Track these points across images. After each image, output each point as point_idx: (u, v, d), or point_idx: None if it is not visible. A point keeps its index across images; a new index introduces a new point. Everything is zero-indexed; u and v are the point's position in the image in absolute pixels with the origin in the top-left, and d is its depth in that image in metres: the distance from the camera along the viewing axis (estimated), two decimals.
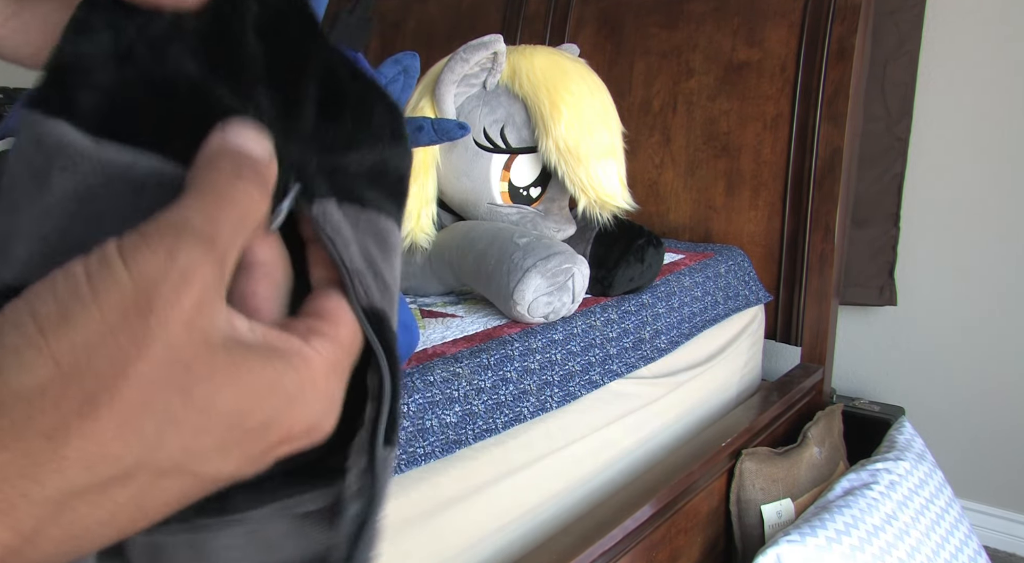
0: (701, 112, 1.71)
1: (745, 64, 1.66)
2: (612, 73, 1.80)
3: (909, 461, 1.34)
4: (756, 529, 1.27)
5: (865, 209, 1.75)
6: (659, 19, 1.77)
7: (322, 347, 0.22)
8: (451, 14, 2.10)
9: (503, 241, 1.07)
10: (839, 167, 1.55)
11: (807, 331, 1.63)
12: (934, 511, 1.29)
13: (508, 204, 1.20)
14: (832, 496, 1.25)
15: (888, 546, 1.15)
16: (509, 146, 1.18)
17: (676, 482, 1.11)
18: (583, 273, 1.07)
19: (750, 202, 1.65)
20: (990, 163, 1.69)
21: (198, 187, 0.21)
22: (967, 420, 1.77)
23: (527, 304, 1.02)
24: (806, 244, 1.59)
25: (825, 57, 1.56)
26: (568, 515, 1.04)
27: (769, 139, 1.63)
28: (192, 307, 0.20)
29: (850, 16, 1.55)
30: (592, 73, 1.21)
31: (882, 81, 1.72)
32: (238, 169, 0.22)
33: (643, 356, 1.18)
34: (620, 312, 1.18)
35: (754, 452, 1.29)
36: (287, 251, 0.25)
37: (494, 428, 0.89)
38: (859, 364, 1.88)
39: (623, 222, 1.23)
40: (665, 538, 1.11)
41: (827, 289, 1.59)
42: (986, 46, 1.66)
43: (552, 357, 1.02)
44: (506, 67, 1.17)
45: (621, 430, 1.16)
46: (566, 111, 1.13)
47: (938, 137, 1.74)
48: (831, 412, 1.53)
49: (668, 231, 1.74)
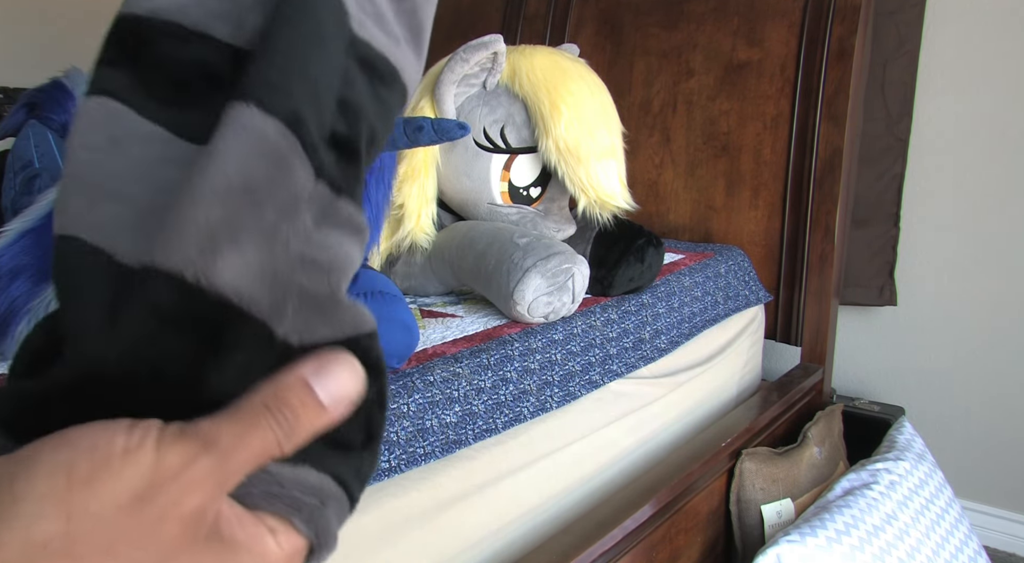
0: (701, 112, 1.71)
1: (745, 64, 1.66)
2: (612, 73, 1.80)
3: (909, 461, 1.34)
4: (756, 529, 1.27)
5: (865, 209, 1.75)
6: (659, 19, 1.77)
7: (285, 542, 0.24)
8: (451, 14, 2.10)
9: (503, 241, 1.07)
10: (839, 167, 1.55)
11: (807, 331, 1.63)
12: (934, 511, 1.29)
13: (508, 204, 1.20)
14: (832, 496, 1.25)
15: (888, 546, 1.15)
16: (509, 146, 1.18)
17: (676, 482, 1.11)
18: (583, 273, 1.07)
19: (750, 202, 1.65)
20: (990, 163, 1.69)
21: (243, 409, 0.23)
22: (967, 420, 1.77)
23: (527, 304, 1.02)
24: (806, 244, 1.59)
25: (825, 57, 1.56)
26: (568, 515, 1.04)
27: (769, 139, 1.63)
28: (190, 511, 0.22)
29: (850, 16, 1.55)
30: (592, 73, 1.21)
31: (882, 81, 1.72)
32: (283, 412, 0.23)
33: (643, 356, 1.18)
34: (620, 312, 1.18)
35: (754, 452, 1.29)
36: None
37: (494, 428, 0.89)
38: (859, 364, 1.88)
39: (623, 222, 1.23)
40: (665, 538, 1.11)
41: (827, 289, 1.59)
42: (986, 46, 1.66)
43: (552, 357, 1.02)
44: (506, 67, 1.17)
45: (621, 430, 1.16)
46: (566, 111, 1.13)
47: (938, 137, 1.74)
48: (831, 412, 1.53)
49: (668, 231, 1.74)
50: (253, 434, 0.22)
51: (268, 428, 0.23)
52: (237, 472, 0.22)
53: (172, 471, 0.21)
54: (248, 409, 0.23)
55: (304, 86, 0.24)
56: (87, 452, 0.21)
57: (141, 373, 0.22)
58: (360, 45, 0.26)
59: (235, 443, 0.22)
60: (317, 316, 0.24)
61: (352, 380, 0.24)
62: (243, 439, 0.22)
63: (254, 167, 0.22)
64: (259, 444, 0.22)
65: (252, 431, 0.22)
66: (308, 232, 0.24)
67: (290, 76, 0.23)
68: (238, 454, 0.22)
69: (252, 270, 0.22)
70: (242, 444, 0.22)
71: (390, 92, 0.28)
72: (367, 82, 0.26)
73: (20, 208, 1.10)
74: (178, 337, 0.22)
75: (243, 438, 0.22)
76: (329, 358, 0.24)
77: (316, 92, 0.24)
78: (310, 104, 0.24)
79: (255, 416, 0.23)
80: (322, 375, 0.23)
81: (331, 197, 0.25)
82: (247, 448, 0.22)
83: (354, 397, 0.24)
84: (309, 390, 0.23)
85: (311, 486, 0.24)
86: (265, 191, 0.23)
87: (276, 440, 0.23)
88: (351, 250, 0.26)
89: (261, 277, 0.23)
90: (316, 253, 0.24)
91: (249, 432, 0.22)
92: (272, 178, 0.23)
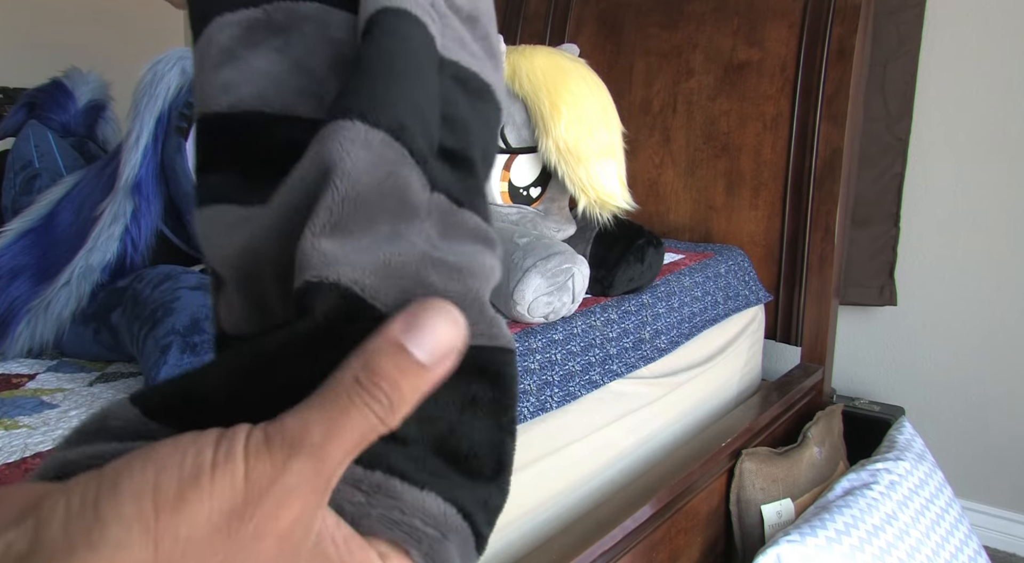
0: (701, 112, 1.71)
1: (745, 64, 1.66)
2: (612, 73, 1.80)
3: (909, 461, 1.34)
4: (756, 529, 1.27)
5: (865, 209, 1.75)
6: (659, 19, 1.77)
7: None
8: None
9: (503, 241, 1.07)
10: (839, 167, 1.55)
11: (807, 331, 1.63)
12: (934, 511, 1.29)
13: (508, 204, 1.20)
14: (832, 496, 1.25)
15: (888, 546, 1.15)
16: (509, 146, 1.18)
17: (676, 482, 1.11)
18: (583, 273, 1.07)
19: (750, 202, 1.65)
20: (990, 163, 1.69)
21: (332, 391, 0.20)
22: (967, 420, 1.77)
23: (527, 304, 1.02)
24: (806, 244, 1.59)
25: (825, 57, 1.56)
26: (568, 515, 1.04)
27: (769, 139, 1.63)
28: (289, 524, 0.19)
29: (850, 16, 1.55)
30: (592, 73, 1.21)
31: (882, 81, 1.72)
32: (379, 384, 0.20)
33: (643, 356, 1.18)
34: (620, 312, 1.18)
35: (754, 452, 1.29)
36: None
37: None
38: (859, 364, 1.88)
39: (623, 222, 1.23)
40: (665, 538, 1.11)
41: (827, 289, 1.59)
42: (986, 46, 1.66)
43: (552, 357, 1.02)
44: (506, 67, 1.17)
45: (621, 430, 1.15)
46: (566, 111, 1.13)
47: (938, 137, 1.74)
48: (831, 412, 1.53)
49: (668, 231, 1.74)
50: (347, 420, 0.20)
51: (364, 406, 0.20)
52: (336, 469, 0.20)
53: (264, 482, 0.19)
54: (338, 390, 0.20)
55: (405, 101, 0.23)
56: (175, 469, 0.19)
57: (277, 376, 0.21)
58: (450, 65, 0.26)
59: (328, 436, 0.20)
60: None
61: (451, 328, 0.21)
62: (337, 429, 0.20)
63: (365, 176, 0.22)
64: (357, 430, 0.20)
65: (346, 417, 0.20)
66: (433, 239, 0.23)
67: (390, 91, 0.23)
68: (334, 448, 0.20)
69: (376, 266, 0.21)
70: (337, 436, 0.20)
71: (488, 106, 0.27)
72: (466, 98, 0.26)
73: (20, 208, 1.10)
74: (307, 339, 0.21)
75: (336, 428, 0.20)
76: (420, 309, 0.21)
77: (418, 107, 0.23)
78: (414, 118, 0.23)
79: (347, 397, 0.20)
80: (415, 330, 0.20)
81: (452, 208, 0.24)
82: (343, 439, 0.20)
83: (457, 347, 0.21)
84: (404, 351, 0.20)
85: (432, 515, 0.22)
86: (376, 202, 0.22)
87: (377, 418, 0.20)
88: (487, 259, 0.24)
89: (386, 272, 0.21)
90: (446, 256, 0.23)
91: (342, 419, 0.20)
92: (384, 188, 0.22)
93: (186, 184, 1.00)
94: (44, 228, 1.03)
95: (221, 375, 0.22)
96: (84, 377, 0.91)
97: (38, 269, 1.00)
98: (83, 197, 1.04)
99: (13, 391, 0.85)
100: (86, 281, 0.96)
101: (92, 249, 0.97)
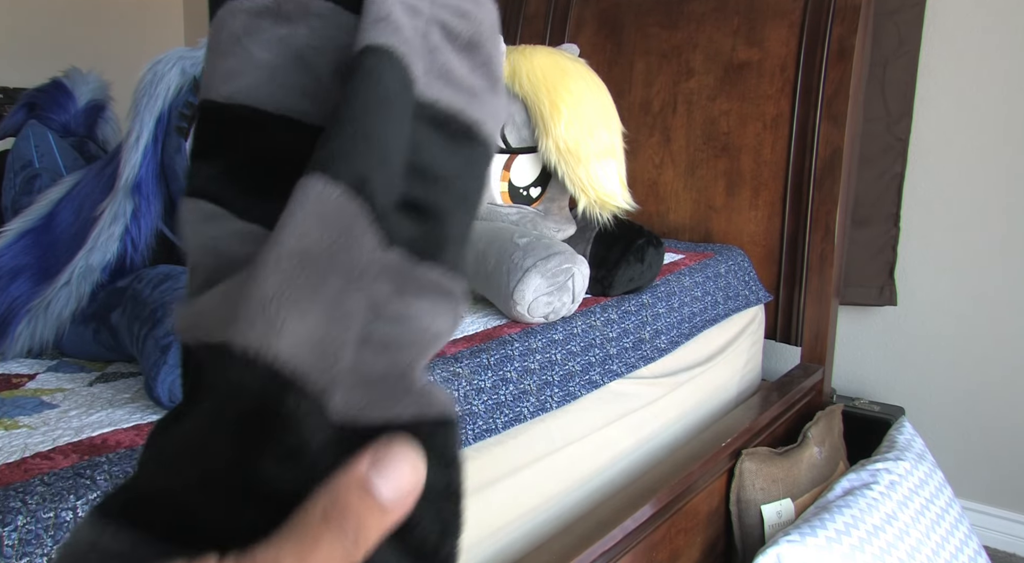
0: (701, 112, 1.71)
1: (745, 64, 1.66)
2: (612, 73, 1.80)
3: (909, 461, 1.34)
4: (756, 529, 1.27)
5: (865, 209, 1.76)
6: (659, 19, 1.77)
7: None
8: None
9: (503, 241, 1.07)
10: (839, 167, 1.56)
11: (807, 331, 1.63)
12: (934, 511, 1.29)
13: (508, 204, 1.20)
14: (832, 496, 1.25)
15: (888, 546, 1.15)
16: (509, 146, 1.18)
17: (676, 482, 1.11)
18: (583, 273, 1.07)
19: (750, 202, 1.65)
20: (990, 163, 1.69)
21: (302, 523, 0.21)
22: (967, 420, 1.77)
23: (527, 304, 1.02)
24: (806, 244, 1.59)
25: (825, 57, 1.56)
26: (568, 515, 1.04)
27: (769, 139, 1.63)
28: None
29: (850, 16, 1.55)
30: (592, 73, 1.21)
31: (882, 81, 1.72)
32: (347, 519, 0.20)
33: (643, 356, 1.18)
34: (620, 312, 1.18)
35: (754, 452, 1.29)
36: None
37: (494, 428, 0.89)
38: (859, 364, 1.88)
39: (623, 222, 1.23)
40: (665, 538, 1.11)
41: (827, 289, 1.60)
42: (986, 46, 1.66)
43: (552, 357, 1.02)
44: (506, 67, 1.17)
45: (621, 430, 1.16)
46: (566, 111, 1.13)
47: (938, 137, 1.74)
48: (831, 412, 1.53)
49: (668, 231, 1.74)
50: (317, 553, 0.20)
51: (334, 541, 0.20)
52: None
53: None
54: (307, 522, 0.20)
55: (370, 152, 0.23)
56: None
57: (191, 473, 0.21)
58: (427, 107, 0.26)
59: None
60: (379, 395, 0.23)
61: (412, 472, 0.21)
62: (307, 561, 0.20)
63: (315, 235, 0.21)
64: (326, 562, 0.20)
65: (315, 549, 0.20)
66: (380, 305, 0.23)
67: (356, 143, 0.23)
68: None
69: (309, 341, 0.21)
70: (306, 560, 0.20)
71: (471, 146, 0.27)
72: (442, 141, 0.26)
73: (20, 208, 1.10)
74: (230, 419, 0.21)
75: (306, 560, 0.20)
76: (386, 448, 0.21)
77: (385, 157, 0.23)
78: (378, 170, 0.23)
79: (316, 529, 0.20)
80: (380, 471, 0.21)
81: (410, 264, 0.24)
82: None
83: (418, 488, 0.22)
84: (370, 492, 0.21)
85: None
86: (326, 260, 0.22)
87: (344, 552, 0.20)
88: (436, 320, 0.24)
89: (319, 350, 0.21)
90: (386, 328, 0.23)
91: (312, 551, 0.20)
92: (334, 246, 0.22)
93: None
94: (44, 228, 1.03)
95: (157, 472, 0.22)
96: (84, 377, 0.91)
97: (38, 269, 1.00)
98: (83, 197, 1.04)
99: (13, 391, 0.85)
100: (86, 281, 0.96)
101: (92, 249, 0.97)
